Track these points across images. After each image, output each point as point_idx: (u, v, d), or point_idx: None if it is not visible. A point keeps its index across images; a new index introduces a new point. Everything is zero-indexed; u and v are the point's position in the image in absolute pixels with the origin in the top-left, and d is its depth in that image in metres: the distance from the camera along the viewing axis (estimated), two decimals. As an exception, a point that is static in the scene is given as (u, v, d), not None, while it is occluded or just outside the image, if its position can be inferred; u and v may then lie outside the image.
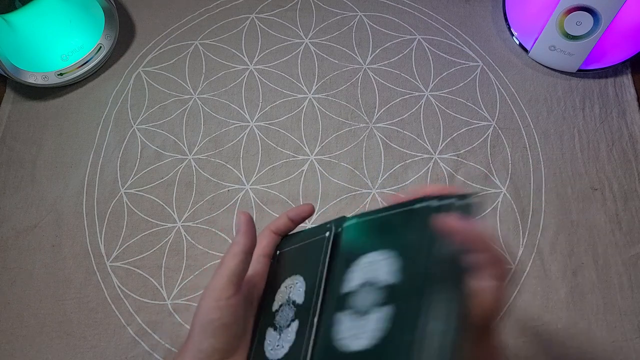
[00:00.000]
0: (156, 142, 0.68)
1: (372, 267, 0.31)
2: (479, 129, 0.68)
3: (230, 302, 0.32)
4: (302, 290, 0.34)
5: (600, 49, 0.67)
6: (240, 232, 0.35)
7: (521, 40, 0.72)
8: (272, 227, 0.39)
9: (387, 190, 0.65)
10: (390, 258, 0.30)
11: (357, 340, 0.28)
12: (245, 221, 0.35)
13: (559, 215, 0.63)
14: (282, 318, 0.34)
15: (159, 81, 0.72)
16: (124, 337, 0.58)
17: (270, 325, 0.35)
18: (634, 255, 0.61)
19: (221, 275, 0.33)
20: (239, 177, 0.66)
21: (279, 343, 0.33)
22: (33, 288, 0.60)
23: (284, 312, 0.35)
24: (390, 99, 0.70)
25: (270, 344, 0.34)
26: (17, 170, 0.67)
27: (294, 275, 0.36)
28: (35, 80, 0.68)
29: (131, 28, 0.76)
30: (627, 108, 0.69)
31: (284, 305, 0.35)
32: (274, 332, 0.34)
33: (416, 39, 0.74)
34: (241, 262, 0.33)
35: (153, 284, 0.60)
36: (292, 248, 0.38)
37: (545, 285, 0.59)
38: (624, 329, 0.57)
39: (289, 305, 0.35)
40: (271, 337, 0.34)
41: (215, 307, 0.32)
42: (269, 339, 0.34)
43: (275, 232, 0.39)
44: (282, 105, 0.70)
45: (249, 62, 0.73)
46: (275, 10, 0.77)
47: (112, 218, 0.64)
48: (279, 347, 0.33)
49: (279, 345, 0.33)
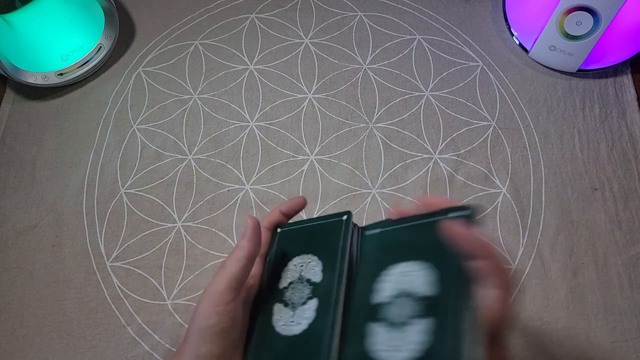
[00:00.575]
0: (156, 142, 0.68)
1: (406, 277, 0.31)
2: (479, 129, 0.68)
3: (228, 307, 0.32)
4: (318, 269, 0.35)
5: (600, 49, 0.67)
6: (246, 238, 0.34)
7: (521, 40, 0.72)
8: (265, 224, 0.39)
9: (387, 190, 0.65)
10: (426, 270, 0.30)
11: (398, 353, 0.28)
12: (252, 226, 0.35)
13: (559, 215, 0.63)
14: (295, 295, 0.35)
15: (159, 81, 0.72)
16: (124, 337, 0.58)
17: (278, 301, 0.35)
18: (634, 255, 0.61)
19: (222, 279, 0.33)
20: (239, 177, 0.66)
21: (294, 319, 0.33)
22: (33, 288, 0.60)
23: (297, 290, 0.35)
24: (390, 99, 0.70)
25: (282, 319, 0.34)
26: (17, 170, 0.67)
27: (305, 255, 0.36)
28: (35, 80, 0.68)
29: (131, 28, 0.76)
30: (627, 108, 0.69)
31: (295, 282, 0.35)
32: (286, 308, 0.34)
33: (416, 39, 0.74)
34: (243, 267, 0.33)
35: (153, 284, 0.60)
36: (299, 228, 0.39)
37: (545, 285, 0.59)
38: (624, 329, 0.57)
39: (302, 284, 0.35)
40: (282, 313, 0.34)
41: (214, 312, 0.32)
42: (279, 315, 0.34)
43: (269, 229, 0.39)
44: (282, 105, 0.70)
45: (249, 62, 0.73)
46: (275, 10, 0.77)
47: (112, 218, 0.64)
48: (294, 324, 0.33)
49: (294, 321, 0.33)
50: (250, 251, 0.34)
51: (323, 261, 0.35)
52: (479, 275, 0.29)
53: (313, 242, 0.37)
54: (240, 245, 0.34)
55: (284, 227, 0.40)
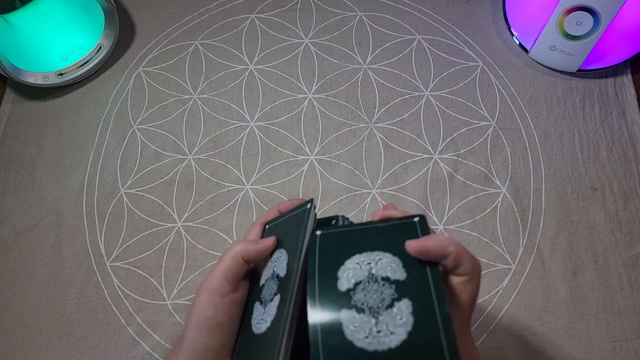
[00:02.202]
0: (156, 142, 0.68)
1: (372, 264, 0.30)
2: (479, 129, 0.68)
3: (224, 300, 0.32)
4: (284, 263, 0.33)
5: (600, 49, 0.67)
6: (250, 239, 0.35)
7: (521, 40, 0.72)
8: (261, 221, 0.39)
9: (387, 190, 0.65)
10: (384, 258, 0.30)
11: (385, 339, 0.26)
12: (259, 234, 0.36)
13: (559, 215, 0.63)
14: (267, 292, 0.34)
15: (159, 81, 0.72)
16: (124, 337, 0.58)
17: (257, 300, 0.34)
18: (634, 255, 0.61)
19: (218, 272, 0.33)
20: (239, 177, 0.66)
21: (263, 317, 0.32)
22: (33, 288, 0.60)
23: (269, 286, 0.34)
24: (390, 99, 0.70)
25: (256, 317, 0.33)
26: (17, 170, 0.67)
27: (279, 249, 0.35)
28: (35, 80, 0.68)
29: (131, 28, 0.76)
30: (627, 108, 0.69)
31: (269, 279, 0.34)
32: (260, 306, 0.34)
33: (416, 39, 0.74)
34: (239, 263, 0.33)
35: (153, 284, 0.60)
36: (279, 222, 0.38)
37: (545, 285, 0.59)
38: (624, 329, 0.57)
39: (273, 279, 0.34)
40: (257, 311, 0.33)
41: (210, 304, 0.32)
42: (255, 313, 0.34)
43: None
44: (282, 105, 0.70)
45: (249, 62, 0.73)
46: (275, 10, 0.77)
47: (112, 218, 0.64)
48: (263, 321, 0.32)
49: (263, 319, 0.32)
50: (248, 252, 0.34)
51: (288, 255, 0.34)
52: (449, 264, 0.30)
53: (284, 236, 0.36)
54: (243, 242, 0.34)
55: (270, 223, 0.39)
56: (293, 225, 0.35)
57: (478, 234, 0.62)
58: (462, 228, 0.62)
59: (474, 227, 0.62)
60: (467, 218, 0.63)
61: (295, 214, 0.36)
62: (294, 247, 0.34)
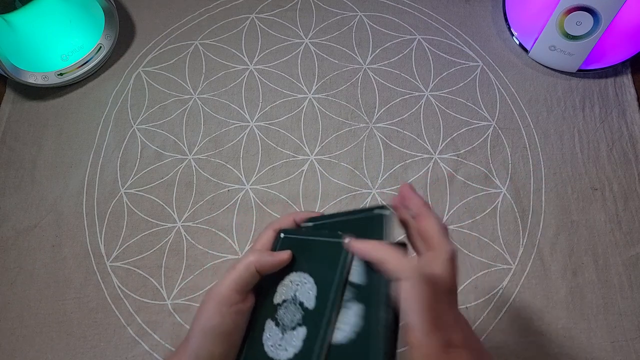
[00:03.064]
0: (156, 142, 0.68)
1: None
2: (479, 129, 0.68)
3: (232, 309, 0.32)
4: (312, 294, 0.33)
5: (600, 49, 0.67)
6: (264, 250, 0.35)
7: (521, 40, 0.72)
8: (275, 227, 0.37)
9: (387, 190, 0.65)
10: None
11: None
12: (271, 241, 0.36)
13: (559, 215, 0.63)
14: (286, 316, 0.34)
15: (159, 81, 0.72)
16: (124, 337, 0.58)
17: (270, 317, 0.34)
18: (634, 255, 0.61)
19: (229, 280, 0.32)
20: (239, 177, 0.66)
21: (281, 343, 0.33)
22: (33, 288, 0.60)
23: (289, 311, 0.34)
24: (390, 99, 0.70)
25: (270, 338, 0.33)
26: (17, 170, 0.67)
27: (302, 273, 0.35)
28: (35, 80, 0.68)
29: (131, 28, 0.76)
30: (627, 108, 0.69)
31: (288, 302, 0.34)
32: (276, 327, 0.34)
33: (416, 39, 0.74)
34: (252, 274, 0.33)
35: (153, 284, 0.60)
36: (301, 238, 0.37)
37: (545, 285, 0.59)
38: (624, 329, 0.57)
39: (295, 305, 0.34)
40: (271, 332, 0.34)
41: (217, 312, 0.32)
42: (269, 333, 0.34)
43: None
44: (282, 105, 0.70)
45: (249, 62, 0.73)
46: (275, 10, 0.77)
47: (112, 218, 0.64)
48: (281, 348, 0.32)
49: (282, 345, 0.33)
50: (262, 263, 0.33)
51: (318, 287, 0.34)
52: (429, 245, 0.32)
53: (312, 261, 0.35)
54: (256, 251, 0.34)
55: (288, 233, 0.38)
56: (324, 256, 0.35)
57: (478, 234, 0.62)
58: (462, 228, 0.62)
59: (474, 227, 0.62)
60: (467, 218, 0.63)
61: (327, 242, 0.35)
62: (324, 281, 0.34)
